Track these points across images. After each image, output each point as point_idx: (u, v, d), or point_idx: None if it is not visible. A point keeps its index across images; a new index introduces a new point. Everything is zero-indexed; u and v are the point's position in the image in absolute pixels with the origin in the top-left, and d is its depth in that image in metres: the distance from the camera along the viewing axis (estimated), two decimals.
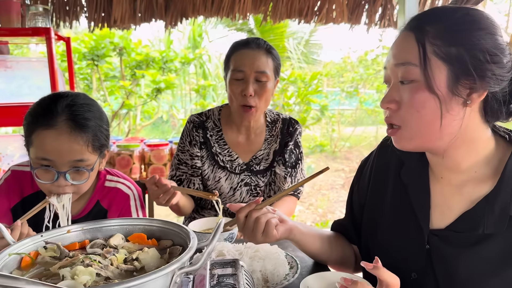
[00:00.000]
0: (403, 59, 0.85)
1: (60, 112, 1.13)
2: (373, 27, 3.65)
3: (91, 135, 1.16)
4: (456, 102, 0.82)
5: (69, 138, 1.13)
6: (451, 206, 0.91)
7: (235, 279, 0.75)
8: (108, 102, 5.06)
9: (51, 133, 1.12)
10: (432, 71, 0.81)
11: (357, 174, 1.17)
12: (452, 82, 0.81)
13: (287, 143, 1.73)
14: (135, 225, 0.91)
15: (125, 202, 1.38)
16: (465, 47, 0.80)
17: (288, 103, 5.01)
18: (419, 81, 0.83)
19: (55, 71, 2.45)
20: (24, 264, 0.78)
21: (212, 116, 1.74)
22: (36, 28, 2.44)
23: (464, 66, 0.80)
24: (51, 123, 1.12)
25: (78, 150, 1.14)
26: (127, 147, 2.76)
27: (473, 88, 0.81)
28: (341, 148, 8.37)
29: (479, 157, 0.89)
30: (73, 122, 1.14)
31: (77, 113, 1.15)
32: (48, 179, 1.16)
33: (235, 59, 1.60)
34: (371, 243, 1.05)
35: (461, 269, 0.86)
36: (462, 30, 0.81)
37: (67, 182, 1.16)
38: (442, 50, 0.81)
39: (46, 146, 1.12)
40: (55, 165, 1.14)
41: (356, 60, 8.62)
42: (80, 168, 1.16)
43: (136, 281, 0.62)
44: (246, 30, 8.37)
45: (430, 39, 0.82)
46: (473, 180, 0.89)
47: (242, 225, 1.02)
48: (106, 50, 4.54)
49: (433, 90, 0.82)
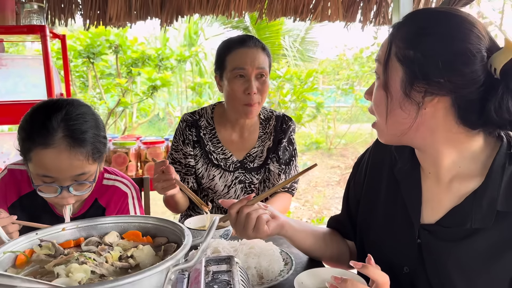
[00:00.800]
0: (378, 55, 0.91)
1: (56, 128, 1.10)
2: (368, 25, 3.66)
3: (90, 148, 1.14)
4: (409, 103, 0.85)
5: (69, 156, 1.11)
6: (441, 201, 0.92)
7: (229, 275, 0.76)
8: (104, 99, 5.04)
9: (50, 153, 1.09)
10: (390, 71, 0.86)
11: (353, 170, 1.18)
12: (406, 83, 0.84)
13: (281, 140, 1.74)
14: (130, 223, 0.91)
15: (123, 201, 1.38)
16: (421, 52, 0.81)
17: (284, 101, 5.02)
18: (380, 77, 0.89)
19: (50, 69, 2.44)
20: (19, 262, 0.78)
21: (205, 115, 1.75)
22: (31, 26, 2.43)
23: (417, 70, 0.82)
24: (48, 142, 1.09)
25: (79, 165, 1.13)
26: (123, 145, 2.76)
27: (427, 92, 0.82)
28: (336, 145, 8.40)
29: (463, 154, 0.90)
30: (71, 138, 1.11)
31: (74, 127, 1.12)
32: (52, 192, 1.15)
33: (233, 58, 1.59)
34: (365, 238, 1.06)
35: (450, 262, 0.87)
36: (423, 35, 0.82)
37: (70, 194, 1.16)
38: (401, 52, 0.84)
39: (47, 165, 1.11)
40: (57, 180, 1.13)
41: (352, 57, 8.63)
42: (84, 182, 1.16)
43: (130, 278, 0.63)
44: (242, 28, 8.35)
45: (396, 41, 0.85)
46: (460, 176, 0.90)
47: (233, 220, 1.04)
48: (101, 48, 4.52)
49: (387, 88, 0.87)
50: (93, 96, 5.04)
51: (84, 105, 1.21)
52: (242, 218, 1.02)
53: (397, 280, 0.94)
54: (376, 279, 0.78)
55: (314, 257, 1.18)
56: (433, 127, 0.86)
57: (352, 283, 0.75)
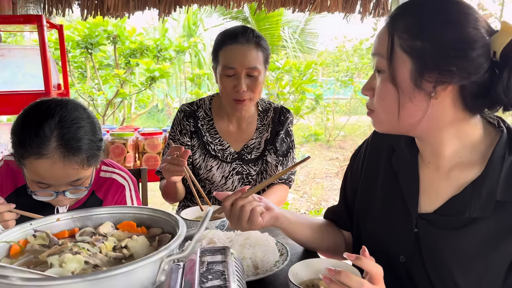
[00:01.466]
0: (376, 49, 0.88)
1: (49, 136, 1.07)
2: (368, 16, 3.64)
3: (85, 155, 1.13)
4: (420, 94, 0.83)
5: (63, 165, 1.09)
6: (439, 190, 0.93)
7: (224, 266, 0.77)
8: (103, 90, 5.02)
9: (44, 163, 1.08)
10: (397, 64, 0.84)
11: (351, 162, 1.19)
12: (416, 75, 0.82)
13: (278, 132, 1.74)
14: (125, 213, 0.91)
15: (120, 193, 1.38)
16: (429, 41, 0.80)
17: (283, 92, 5.00)
18: (385, 72, 0.86)
19: (47, 59, 2.43)
20: (13, 252, 0.78)
21: (203, 106, 1.74)
22: (27, 16, 2.42)
23: (427, 61, 0.81)
24: (41, 152, 1.07)
25: (74, 173, 1.12)
26: (121, 136, 2.75)
27: (438, 82, 0.81)
28: (335, 137, 8.40)
29: (463, 143, 0.90)
30: (65, 148, 1.08)
31: (68, 136, 1.09)
32: (47, 196, 1.15)
33: (225, 55, 1.57)
34: (362, 228, 1.07)
35: (447, 251, 0.88)
36: (428, 24, 0.81)
37: (66, 197, 1.16)
38: (407, 43, 0.82)
39: (41, 174, 1.10)
40: (52, 186, 1.13)
41: (351, 49, 8.60)
42: (79, 188, 1.16)
43: (124, 269, 0.63)
44: (241, 19, 8.32)
45: (398, 32, 0.83)
46: (460, 165, 0.91)
47: (228, 213, 1.04)
48: (100, 38, 4.49)
49: (396, 82, 0.84)
50: (92, 87, 5.01)
51: (78, 108, 1.17)
52: (236, 211, 1.02)
53: (393, 269, 0.95)
54: (369, 271, 0.78)
55: (311, 248, 1.18)
56: (439, 116, 0.86)
57: (346, 275, 0.75)
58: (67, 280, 0.61)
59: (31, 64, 2.98)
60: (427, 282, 0.91)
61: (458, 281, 0.87)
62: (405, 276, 0.95)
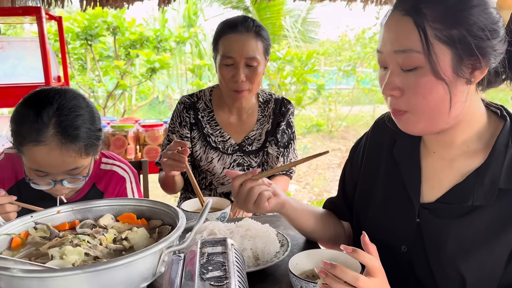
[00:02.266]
0: (403, 45, 0.81)
1: (47, 124, 1.07)
2: (369, 5, 3.61)
3: (83, 144, 1.12)
4: (461, 82, 0.81)
5: (60, 153, 1.08)
6: (442, 179, 0.92)
7: (224, 257, 0.77)
8: (103, 82, 5.02)
9: (42, 150, 1.07)
10: (437, 56, 0.79)
11: (351, 153, 1.18)
12: (456, 64, 0.80)
13: (279, 123, 1.73)
14: (125, 205, 0.91)
15: (121, 185, 1.38)
16: (465, 27, 0.78)
17: (284, 83, 4.98)
18: (423, 67, 0.80)
19: (47, 51, 2.42)
20: (14, 244, 0.79)
21: (203, 97, 1.73)
22: (26, 8, 2.41)
23: (467, 47, 0.78)
24: (39, 139, 1.06)
25: (71, 161, 1.11)
26: (122, 128, 2.76)
27: (476, 66, 0.80)
28: (338, 128, 8.38)
29: (472, 132, 0.90)
30: (63, 135, 1.08)
31: (66, 123, 1.09)
32: (45, 185, 1.15)
33: (224, 44, 1.55)
34: (363, 219, 1.07)
35: (450, 240, 0.88)
36: (460, 10, 0.79)
37: (64, 187, 1.15)
38: (444, 33, 0.78)
39: (39, 162, 1.10)
40: (50, 174, 1.13)
41: (354, 38, 8.54)
42: (77, 177, 1.15)
43: (123, 260, 0.63)
44: (242, 8, 8.25)
45: (430, 23, 0.78)
46: (465, 154, 0.90)
47: (236, 192, 1.04)
48: (99, 30, 4.47)
49: (440, 75, 0.79)
50: (92, 79, 5.01)
51: (77, 96, 1.16)
52: (244, 192, 1.02)
53: (394, 259, 0.95)
54: (366, 263, 0.78)
55: (313, 238, 1.18)
56: (469, 103, 0.85)
57: (341, 269, 0.74)
58: (67, 272, 0.61)
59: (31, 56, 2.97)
60: (428, 271, 0.91)
61: (460, 269, 0.86)
62: (406, 266, 0.95)
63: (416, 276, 0.93)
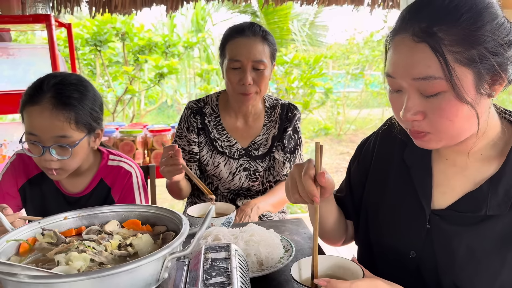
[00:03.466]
0: (423, 73, 0.78)
1: (46, 90, 1.20)
2: (377, 8, 3.60)
3: (73, 113, 1.22)
4: (483, 98, 0.81)
5: (50, 115, 1.19)
6: (454, 186, 0.92)
7: (228, 262, 0.78)
8: (112, 87, 5.07)
9: (36, 110, 1.19)
10: (460, 79, 0.77)
11: (356, 153, 1.18)
12: (478, 82, 0.78)
13: (286, 129, 1.74)
14: (130, 212, 0.93)
15: (128, 179, 1.43)
16: (484, 46, 0.76)
17: (292, 87, 4.98)
18: (446, 92, 0.78)
19: (56, 58, 2.46)
20: (22, 250, 0.80)
21: (210, 102, 1.75)
22: (36, 15, 2.44)
23: (488, 64, 0.77)
24: (36, 100, 1.20)
25: (59, 126, 1.20)
26: (130, 133, 2.78)
27: (496, 80, 0.80)
28: (346, 131, 8.35)
29: (487, 140, 0.89)
30: (56, 99, 1.20)
31: (62, 91, 1.21)
32: (36, 153, 1.23)
33: (231, 48, 1.58)
34: (371, 222, 1.06)
35: (461, 248, 0.87)
36: (476, 29, 0.77)
37: (52, 157, 1.22)
38: (464, 55, 0.76)
39: (32, 122, 1.20)
40: (40, 140, 1.20)
41: (362, 41, 8.52)
42: (63, 145, 1.22)
43: (128, 266, 0.64)
44: (250, 12, 8.27)
45: (448, 48, 0.76)
46: (478, 162, 0.90)
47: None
48: (108, 36, 4.53)
49: (465, 99, 0.77)
50: (101, 84, 5.07)
51: (84, 81, 1.30)
52: None
53: (403, 264, 0.95)
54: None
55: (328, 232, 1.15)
56: (488, 114, 0.85)
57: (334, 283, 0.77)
58: (73, 278, 0.62)
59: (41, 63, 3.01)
60: (436, 278, 0.90)
61: (470, 278, 0.86)
62: (414, 271, 0.94)
63: (424, 282, 0.93)
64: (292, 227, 1.38)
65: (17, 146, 2.70)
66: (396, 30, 0.83)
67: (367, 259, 1.09)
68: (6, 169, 1.43)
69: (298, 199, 0.96)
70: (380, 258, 1.04)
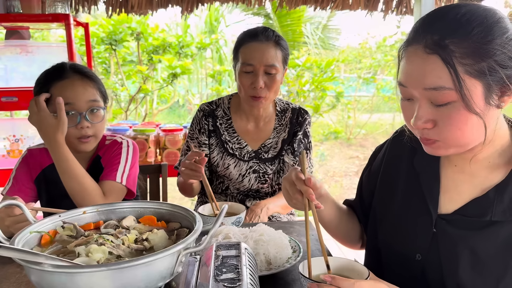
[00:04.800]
0: (433, 84, 0.81)
1: (67, 68, 1.40)
2: (390, 14, 3.61)
3: (96, 84, 1.43)
4: (492, 109, 0.83)
5: (82, 83, 1.39)
6: (461, 192, 0.94)
7: (238, 260, 0.81)
8: (126, 86, 5.14)
9: (67, 82, 1.37)
10: (469, 91, 0.79)
11: (370, 160, 1.20)
12: (487, 93, 0.81)
13: (296, 133, 1.77)
14: (146, 208, 0.97)
15: (117, 147, 1.50)
16: (493, 59, 0.79)
17: (303, 90, 5.00)
18: (456, 102, 0.81)
19: (73, 55, 2.53)
20: (43, 241, 0.85)
21: (222, 105, 1.79)
22: (55, 14, 2.51)
23: (497, 77, 0.80)
24: (64, 76, 1.38)
25: (91, 92, 1.40)
26: (143, 132, 2.83)
27: (504, 92, 0.82)
28: (356, 135, 8.33)
29: (495, 149, 0.92)
30: (81, 74, 1.41)
31: (81, 69, 1.42)
32: (72, 123, 1.36)
33: (244, 52, 1.62)
34: (379, 226, 1.09)
35: (466, 252, 0.89)
36: (486, 43, 0.79)
37: (88, 123, 1.38)
38: (474, 68, 0.78)
39: (65, 93, 1.35)
40: (76, 107, 1.37)
41: (375, 45, 8.50)
42: (97, 108, 1.40)
43: (144, 260, 0.68)
44: (263, 15, 8.30)
45: (459, 60, 0.79)
46: (486, 169, 0.92)
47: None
48: (123, 35, 4.60)
49: (473, 110, 0.80)
50: (115, 82, 5.14)
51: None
52: None
53: (408, 267, 0.97)
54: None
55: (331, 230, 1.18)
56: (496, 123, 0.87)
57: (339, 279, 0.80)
58: (93, 269, 0.66)
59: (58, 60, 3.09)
60: (441, 281, 0.93)
61: (474, 282, 0.88)
62: (419, 274, 0.96)
63: (428, 286, 0.95)
64: (300, 229, 1.41)
65: (33, 141, 2.77)
66: (410, 41, 0.86)
67: (373, 262, 1.11)
68: (19, 163, 1.51)
69: (298, 200, 1.01)
70: (386, 261, 1.06)
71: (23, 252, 0.67)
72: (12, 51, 2.91)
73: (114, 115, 5.08)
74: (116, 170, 1.43)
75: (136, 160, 1.52)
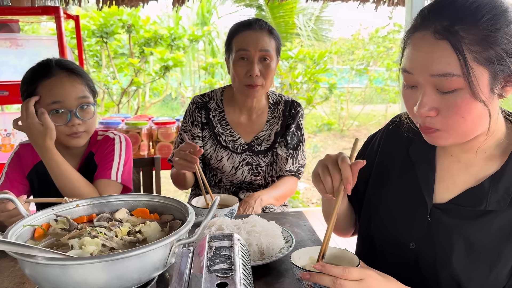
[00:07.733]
0: (442, 70, 0.80)
1: (53, 65, 1.37)
2: (382, 5, 3.62)
3: (85, 79, 1.41)
4: (495, 98, 0.83)
5: (69, 80, 1.36)
6: (457, 182, 0.95)
7: (231, 251, 0.82)
8: (118, 79, 5.11)
9: (55, 80, 1.35)
10: (476, 78, 0.79)
11: (363, 149, 1.21)
12: (492, 82, 0.81)
13: (289, 126, 1.77)
14: (139, 201, 0.97)
15: (110, 143, 1.50)
16: (501, 47, 0.79)
17: (296, 82, 5.00)
18: (462, 89, 0.80)
19: (64, 49, 2.51)
20: (37, 234, 0.85)
21: (215, 97, 1.79)
22: (45, 7, 2.49)
23: (504, 65, 0.80)
24: (51, 74, 1.35)
25: (80, 89, 1.38)
26: (136, 125, 2.83)
27: (508, 81, 0.82)
28: (349, 127, 8.36)
29: (492, 140, 0.93)
30: (67, 71, 1.37)
31: (68, 65, 1.39)
32: (63, 121, 1.35)
33: (239, 40, 1.63)
34: (374, 215, 1.09)
35: (459, 241, 0.91)
36: (495, 31, 0.79)
37: (79, 120, 1.36)
38: (482, 55, 0.78)
39: (54, 91, 1.34)
40: (65, 105, 1.35)
41: (367, 36, 8.50)
42: (87, 104, 1.38)
43: (137, 251, 0.69)
44: (255, 6, 8.26)
45: (468, 46, 0.78)
46: (482, 160, 0.94)
47: None
48: (115, 27, 4.56)
49: (479, 97, 0.80)
50: (107, 75, 5.10)
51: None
52: None
53: (402, 255, 0.99)
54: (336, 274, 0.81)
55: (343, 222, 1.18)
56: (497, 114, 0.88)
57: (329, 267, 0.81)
58: (87, 261, 0.67)
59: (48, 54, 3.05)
60: (434, 270, 0.94)
61: (466, 270, 0.90)
62: (413, 262, 0.98)
63: (421, 274, 0.97)
64: (292, 220, 1.42)
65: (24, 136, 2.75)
66: (416, 27, 0.85)
67: (366, 251, 1.13)
68: (11, 158, 1.50)
69: (328, 184, 0.96)
70: (380, 250, 1.07)
71: (16, 245, 0.67)
72: (2, 45, 2.88)
73: (106, 109, 5.05)
74: (111, 168, 1.43)
75: (130, 155, 1.52)
